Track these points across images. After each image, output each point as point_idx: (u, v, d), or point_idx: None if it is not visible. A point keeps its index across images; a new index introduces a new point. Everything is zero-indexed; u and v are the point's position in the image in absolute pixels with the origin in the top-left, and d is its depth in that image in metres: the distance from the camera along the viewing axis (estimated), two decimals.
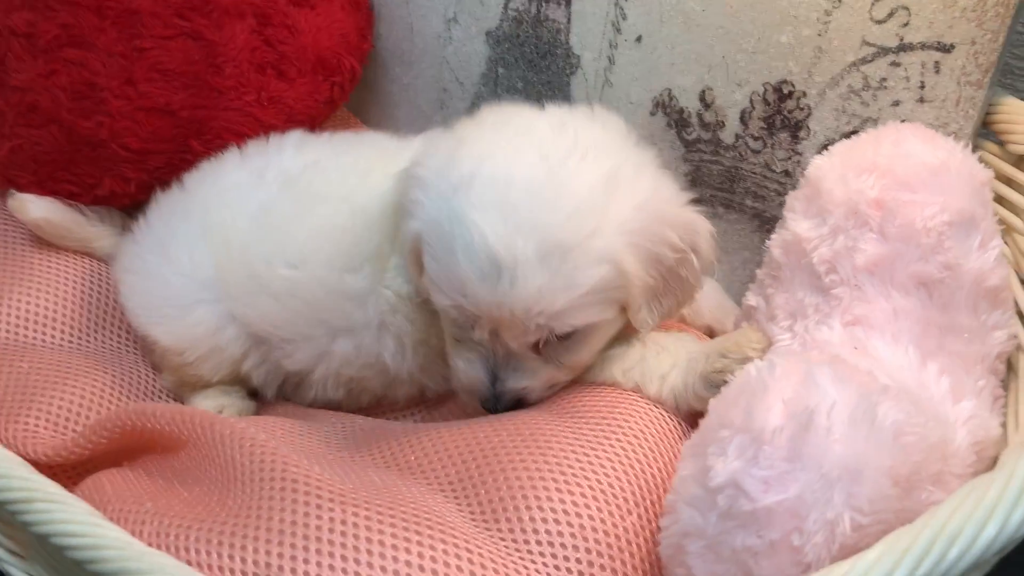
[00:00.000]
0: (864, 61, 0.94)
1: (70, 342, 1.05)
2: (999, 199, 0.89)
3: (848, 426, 0.61)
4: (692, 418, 0.86)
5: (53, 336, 1.04)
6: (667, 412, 0.85)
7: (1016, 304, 0.82)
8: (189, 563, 0.69)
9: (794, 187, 1.01)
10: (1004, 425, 0.77)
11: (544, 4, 1.11)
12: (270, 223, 0.97)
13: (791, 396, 0.62)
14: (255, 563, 0.68)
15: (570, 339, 0.82)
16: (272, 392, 1.03)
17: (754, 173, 1.03)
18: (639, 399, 0.86)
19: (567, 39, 1.11)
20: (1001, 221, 0.85)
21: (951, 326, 0.77)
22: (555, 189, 0.76)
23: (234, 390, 1.02)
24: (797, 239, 0.83)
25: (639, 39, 1.06)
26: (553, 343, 0.82)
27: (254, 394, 1.05)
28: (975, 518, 0.52)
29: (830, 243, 0.80)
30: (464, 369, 0.87)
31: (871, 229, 0.78)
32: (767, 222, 1.04)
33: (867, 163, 0.80)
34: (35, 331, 1.04)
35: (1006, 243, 0.84)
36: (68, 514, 0.69)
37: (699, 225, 0.83)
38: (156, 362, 1.05)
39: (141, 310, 1.01)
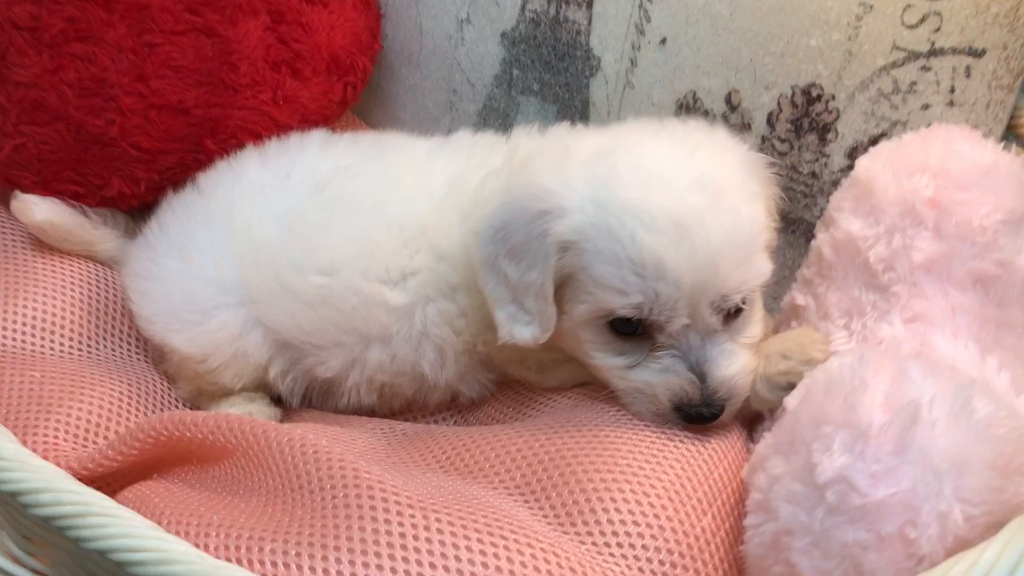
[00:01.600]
0: (894, 65, 0.95)
1: (79, 350, 1.00)
2: None
3: (949, 419, 0.61)
4: (747, 421, 0.86)
5: (61, 344, 0.99)
6: None
7: None
8: None
9: (820, 189, 1.03)
10: None
11: (564, 5, 1.11)
12: (299, 229, 0.94)
13: (891, 391, 0.63)
14: (339, 573, 0.65)
15: (744, 312, 0.82)
16: (298, 400, 1.00)
17: (780, 175, 1.03)
18: None
19: (587, 41, 1.11)
20: None
21: (1006, 321, 0.78)
22: (686, 151, 0.81)
23: (259, 396, 0.99)
24: (850, 238, 0.84)
25: (663, 41, 1.06)
26: (734, 321, 0.82)
27: (278, 401, 1.01)
28: None
29: (886, 241, 0.81)
30: (661, 381, 0.81)
31: (927, 228, 0.80)
32: (792, 224, 1.05)
33: (918, 163, 0.82)
34: (42, 338, 0.99)
35: None
36: (128, 528, 0.66)
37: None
38: (172, 371, 1.00)
39: (158, 317, 0.97)
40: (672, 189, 0.78)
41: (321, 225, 0.93)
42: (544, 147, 0.88)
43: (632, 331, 0.81)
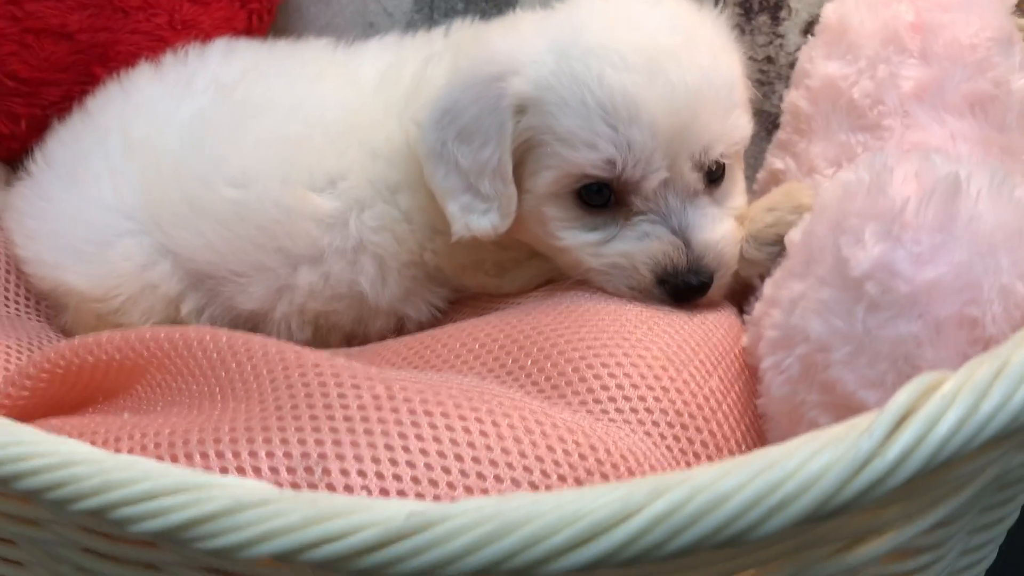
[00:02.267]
0: None
1: None
2: None
3: (991, 193, 0.53)
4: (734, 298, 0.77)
5: None
6: None
7: None
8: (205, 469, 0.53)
9: (777, 74, 0.96)
10: None
11: None
12: (205, 137, 0.82)
13: (921, 170, 0.54)
14: (287, 455, 0.52)
15: (726, 177, 0.75)
16: None
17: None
18: None
19: None
20: None
21: (1009, 147, 0.72)
22: (661, 6, 0.75)
23: None
24: (829, 81, 0.76)
25: None
26: (715, 186, 0.75)
27: None
28: None
29: (870, 75, 0.74)
30: (640, 249, 0.72)
31: (912, 55, 0.73)
32: (753, 115, 0.97)
33: None
34: None
35: None
36: (11, 435, 0.52)
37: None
38: (70, 322, 0.86)
39: (48, 255, 0.83)
40: (643, 28, 0.72)
41: (229, 130, 0.82)
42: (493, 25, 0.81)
43: (604, 202, 0.73)
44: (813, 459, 0.43)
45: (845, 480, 0.42)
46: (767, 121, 0.97)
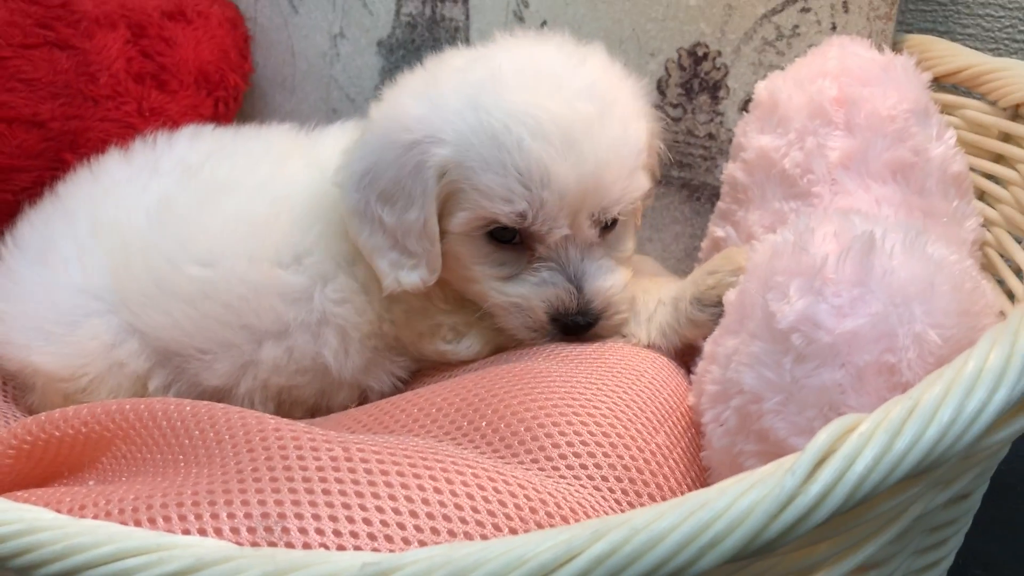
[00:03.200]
0: (774, 11, 0.96)
1: None
2: None
3: (904, 249, 0.57)
4: (680, 357, 0.81)
5: None
6: (659, 352, 0.79)
7: None
8: (168, 531, 0.54)
9: (719, 150, 1.01)
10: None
11: (439, 3, 1.09)
12: (172, 217, 0.85)
13: (840, 230, 0.58)
14: (247, 516, 0.54)
15: (618, 227, 0.81)
16: None
17: (677, 142, 1.02)
18: (625, 344, 0.80)
19: (467, 36, 1.09)
20: None
21: (931, 210, 0.76)
22: (576, 57, 0.79)
23: None
24: (762, 153, 0.81)
25: (544, 24, 1.05)
26: (609, 235, 0.81)
27: None
28: None
29: (799, 146, 0.79)
30: (537, 292, 0.79)
31: (837, 127, 0.78)
32: (696, 190, 1.02)
33: (818, 70, 0.81)
34: None
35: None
36: None
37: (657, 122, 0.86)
38: (35, 401, 0.87)
39: (16, 335, 0.85)
40: (562, 95, 0.75)
41: (195, 210, 0.84)
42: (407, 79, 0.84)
43: (511, 239, 0.79)
44: (741, 498, 0.45)
45: (771, 516, 0.45)
46: (711, 194, 1.02)
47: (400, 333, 0.84)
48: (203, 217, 0.84)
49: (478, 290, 0.81)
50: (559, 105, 0.74)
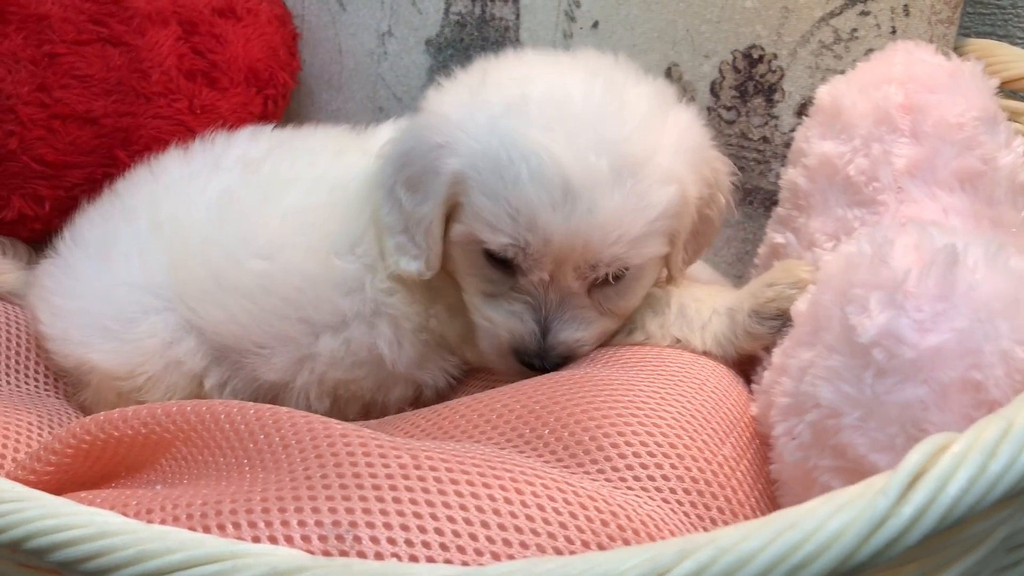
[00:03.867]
0: (832, 14, 0.95)
1: None
2: None
3: (987, 263, 0.56)
4: (739, 367, 0.80)
5: None
6: (716, 359, 0.78)
7: None
8: (237, 538, 0.54)
9: (773, 153, 1.00)
10: None
11: (489, 3, 1.08)
12: (233, 213, 0.85)
13: (920, 242, 0.57)
14: (318, 524, 0.54)
15: (622, 281, 0.77)
16: None
17: (730, 145, 1.01)
18: (683, 351, 0.79)
19: (517, 35, 1.08)
20: None
21: (999, 220, 0.75)
22: (617, 103, 0.74)
23: None
24: (825, 159, 0.80)
25: (595, 25, 1.04)
26: (605, 287, 0.77)
27: None
28: None
29: (864, 153, 0.77)
30: (504, 321, 0.78)
31: (904, 134, 0.77)
32: (748, 194, 1.01)
33: (883, 76, 0.80)
34: None
35: None
36: (45, 508, 0.52)
37: (724, 163, 0.81)
38: (90, 400, 0.87)
39: (75, 332, 0.85)
40: (579, 143, 0.72)
41: (256, 205, 0.84)
42: (455, 82, 0.83)
43: (503, 261, 0.77)
44: (832, 519, 0.45)
45: (863, 538, 0.44)
46: (764, 198, 1.01)
47: (445, 331, 0.84)
48: (264, 211, 0.84)
49: (466, 300, 0.81)
50: (569, 153, 0.71)
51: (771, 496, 0.66)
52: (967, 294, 0.54)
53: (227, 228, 0.84)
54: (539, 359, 0.77)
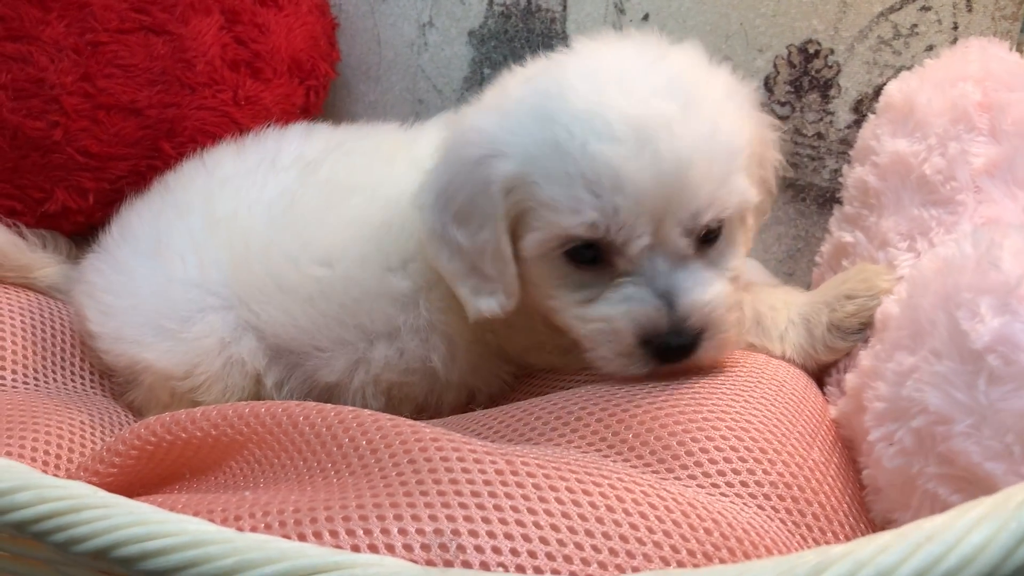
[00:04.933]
0: (892, 10, 0.94)
1: (25, 383, 0.85)
2: None
3: None
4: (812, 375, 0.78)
5: (3, 377, 0.84)
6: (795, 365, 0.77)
7: None
8: (336, 547, 0.52)
9: (828, 150, 0.99)
10: None
11: None
12: (294, 216, 0.83)
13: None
14: (420, 532, 0.52)
15: (722, 237, 0.72)
16: None
17: (784, 141, 0.99)
18: (760, 354, 0.77)
19: (563, 28, 1.06)
20: None
21: None
22: (658, 59, 0.71)
23: None
24: (898, 157, 0.78)
25: (646, 17, 1.02)
26: (708, 247, 0.71)
27: None
28: None
29: (940, 152, 0.76)
30: (622, 312, 0.69)
31: (982, 132, 0.75)
32: (801, 191, 1.00)
33: (958, 74, 0.78)
34: None
35: None
36: (134, 515, 0.50)
37: (773, 124, 0.80)
38: (141, 400, 0.86)
39: (127, 331, 0.83)
40: (634, 93, 0.67)
41: (317, 211, 0.83)
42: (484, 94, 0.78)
43: (592, 259, 0.70)
44: (973, 531, 0.43)
45: (1009, 551, 0.43)
46: (817, 195, 0.99)
47: (504, 344, 0.82)
48: (324, 218, 0.83)
49: (561, 319, 0.74)
50: (629, 102, 0.67)
51: (861, 502, 0.64)
52: None
53: (288, 232, 0.82)
54: (676, 335, 0.68)
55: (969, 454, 0.53)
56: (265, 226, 0.82)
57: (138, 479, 0.71)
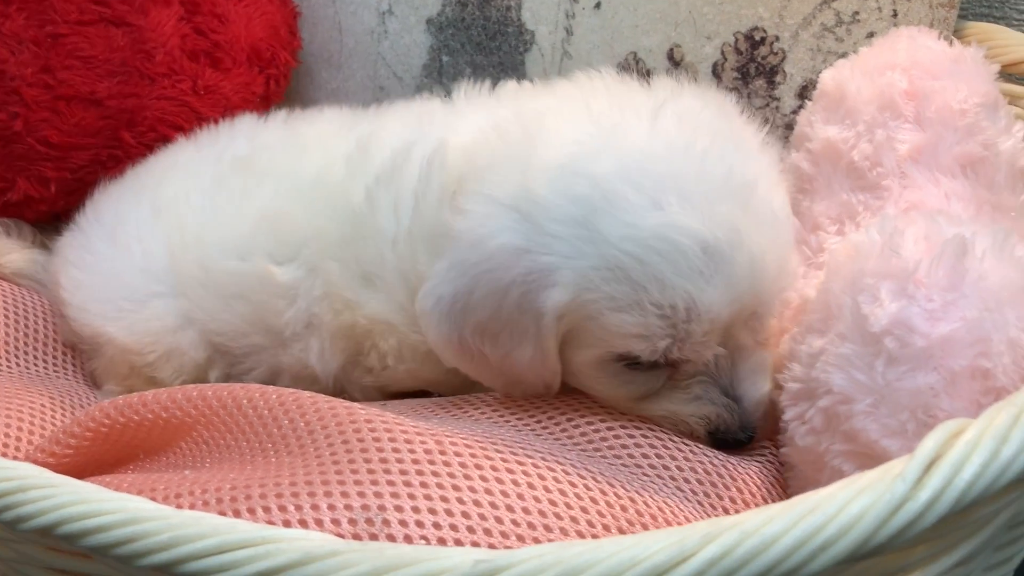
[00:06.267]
0: None
1: None
2: None
3: (994, 252, 0.58)
4: None
5: None
6: None
7: None
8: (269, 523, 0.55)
9: (775, 135, 1.01)
10: None
11: None
12: (221, 203, 0.84)
13: (929, 232, 0.59)
14: (348, 508, 0.55)
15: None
16: None
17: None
18: None
19: (519, 16, 1.08)
20: None
21: (999, 205, 0.77)
22: (693, 135, 0.64)
23: None
24: (829, 144, 0.81)
25: (598, 5, 1.04)
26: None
27: None
28: None
29: (868, 138, 0.79)
30: (690, 411, 0.67)
31: (907, 120, 0.78)
32: None
33: (887, 62, 0.81)
34: None
35: None
36: (78, 494, 0.53)
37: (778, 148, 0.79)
38: (102, 370, 0.89)
39: (92, 305, 0.86)
40: (697, 203, 0.61)
41: (238, 196, 0.83)
42: (489, 146, 0.69)
43: (652, 365, 0.66)
44: (852, 503, 0.46)
45: (882, 521, 0.46)
46: None
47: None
48: (243, 205, 0.83)
49: (612, 404, 0.70)
50: (697, 219, 0.60)
51: (781, 483, 0.68)
52: (976, 284, 0.56)
53: (218, 219, 0.83)
54: (743, 431, 0.67)
55: (868, 432, 0.57)
56: (200, 214, 0.84)
57: (95, 460, 0.74)
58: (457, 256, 0.65)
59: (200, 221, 0.84)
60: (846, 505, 0.46)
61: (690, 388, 0.67)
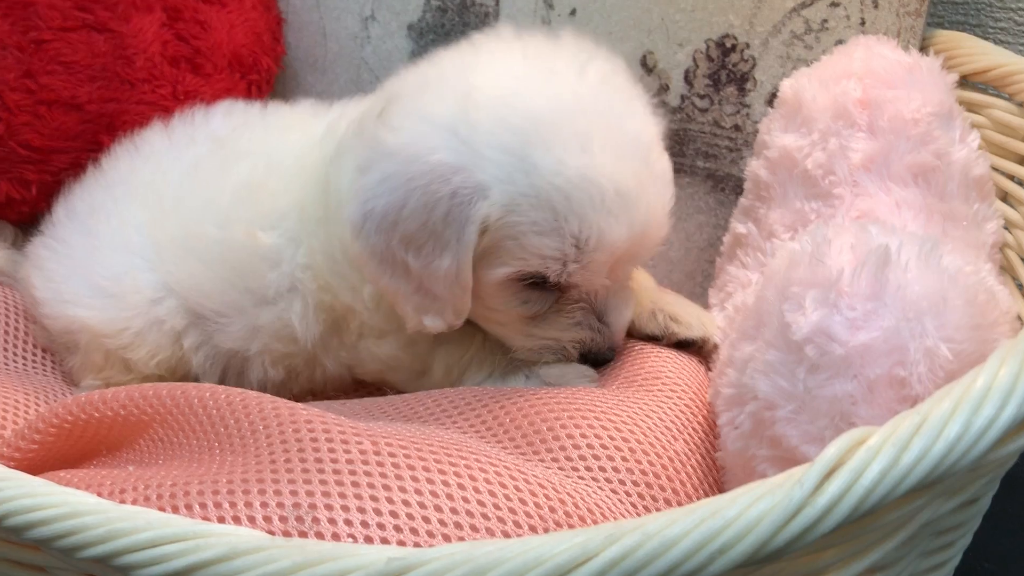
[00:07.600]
0: (804, 5, 0.96)
1: None
2: None
3: (919, 262, 0.58)
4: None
5: None
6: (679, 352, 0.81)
7: None
8: (204, 519, 0.57)
9: (744, 141, 1.02)
10: None
11: None
12: (199, 180, 0.88)
13: (856, 242, 0.59)
14: (280, 506, 0.57)
15: None
16: (215, 381, 0.90)
17: (703, 132, 1.03)
18: (648, 348, 0.82)
19: (496, 22, 1.10)
20: None
21: (951, 214, 0.77)
22: (628, 103, 0.75)
23: None
24: (785, 152, 0.82)
25: (573, 12, 1.06)
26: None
27: None
28: None
29: (822, 147, 0.79)
30: (570, 335, 0.78)
31: (860, 128, 0.79)
32: (720, 181, 1.03)
33: (843, 71, 0.82)
34: None
35: None
36: (23, 487, 0.55)
37: None
38: (76, 364, 0.91)
39: (65, 292, 0.89)
40: (614, 151, 0.71)
41: (216, 174, 0.87)
42: (421, 72, 0.77)
43: (544, 284, 0.75)
44: (752, 507, 0.47)
45: (779, 526, 0.47)
46: (736, 185, 1.03)
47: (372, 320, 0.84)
48: (221, 181, 0.87)
49: (501, 332, 0.80)
50: (614, 167, 0.70)
51: (720, 485, 0.69)
52: (896, 293, 0.56)
53: (196, 194, 0.87)
54: (610, 351, 0.79)
55: (790, 438, 0.58)
56: (178, 188, 0.88)
57: (59, 455, 0.76)
58: (390, 169, 0.70)
59: (178, 195, 0.88)
60: (746, 510, 0.48)
61: (572, 314, 0.77)
